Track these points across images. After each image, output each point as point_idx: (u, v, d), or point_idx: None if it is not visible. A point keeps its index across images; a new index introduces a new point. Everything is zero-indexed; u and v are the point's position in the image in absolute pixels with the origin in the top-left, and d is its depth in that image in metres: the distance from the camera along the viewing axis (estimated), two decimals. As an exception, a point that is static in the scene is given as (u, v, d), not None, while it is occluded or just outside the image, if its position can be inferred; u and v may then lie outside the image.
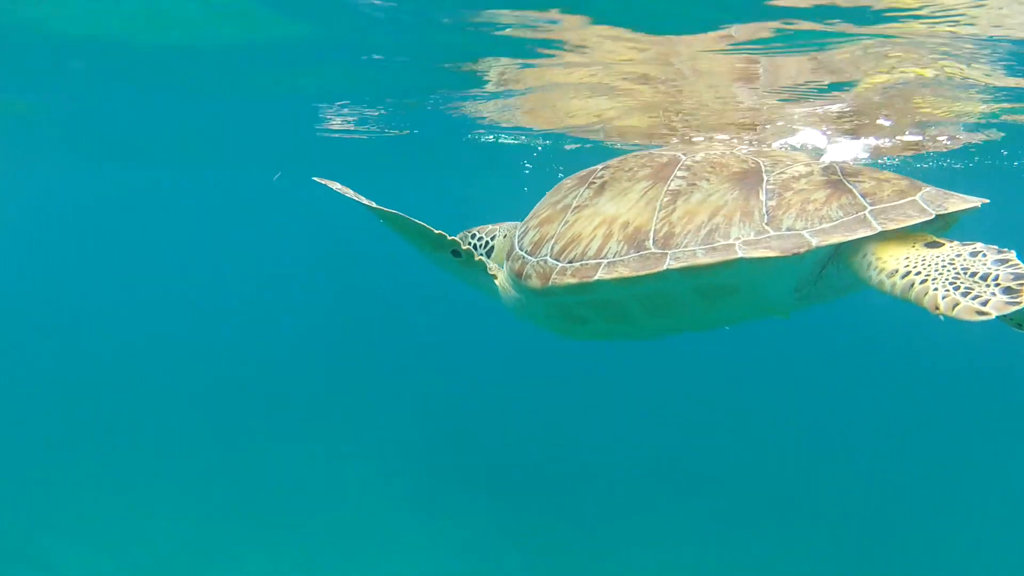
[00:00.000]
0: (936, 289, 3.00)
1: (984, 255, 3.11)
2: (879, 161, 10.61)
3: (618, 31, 5.58)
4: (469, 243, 4.83)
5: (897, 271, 3.18)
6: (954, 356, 20.81)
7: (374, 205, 4.12)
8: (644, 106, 7.94)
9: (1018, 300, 2.88)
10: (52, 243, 30.63)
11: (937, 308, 2.96)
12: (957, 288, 2.97)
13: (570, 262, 3.86)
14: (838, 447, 15.79)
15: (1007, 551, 11.54)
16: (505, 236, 4.69)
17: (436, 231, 4.13)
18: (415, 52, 6.70)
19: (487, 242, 4.83)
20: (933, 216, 3.36)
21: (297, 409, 16.01)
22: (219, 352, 20.39)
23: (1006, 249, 3.14)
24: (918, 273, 3.10)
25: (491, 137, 11.46)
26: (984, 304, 2.89)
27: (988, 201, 3.58)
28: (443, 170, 16.71)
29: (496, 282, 4.46)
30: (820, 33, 5.32)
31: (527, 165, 13.70)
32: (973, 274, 3.03)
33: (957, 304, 2.92)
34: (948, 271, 3.06)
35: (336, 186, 4.26)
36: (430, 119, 10.01)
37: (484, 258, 4.47)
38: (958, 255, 3.13)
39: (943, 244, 3.24)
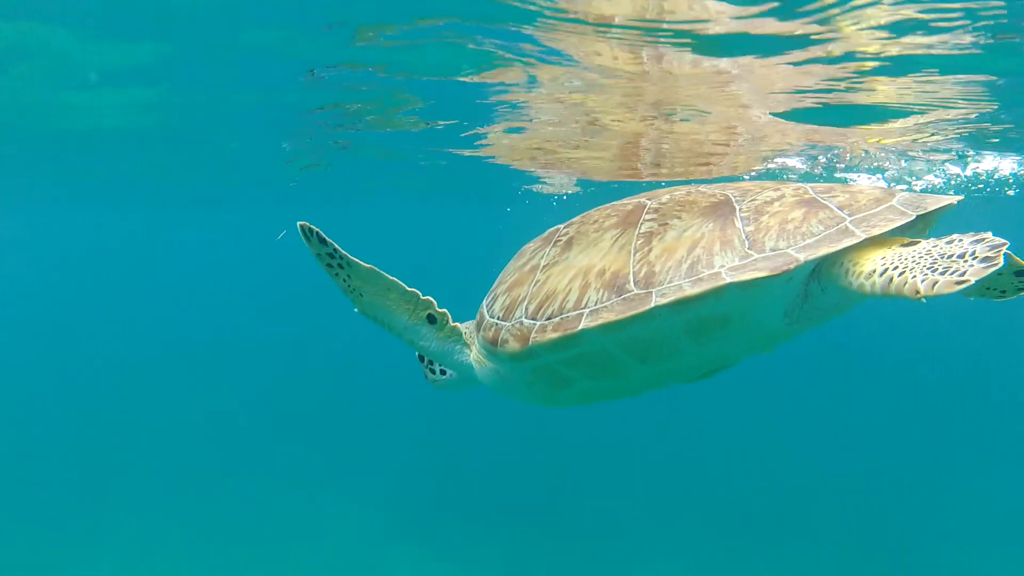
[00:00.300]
0: (915, 276, 3.00)
1: (960, 240, 3.12)
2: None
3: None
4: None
5: (875, 271, 3.18)
6: (947, 361, 20.89)
7: (349, 256, 3.89)
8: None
9: (995, 262, 2.87)
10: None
11: (917, 292, 2.95)
12: (935, 270, 2.97)
13: (548, 319, 3.73)
14: (833, 457, 15.75)
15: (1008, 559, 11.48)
16: (467, 333, 4.39)
17: (409, 288, 4.00)
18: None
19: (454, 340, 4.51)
20: (914, 217, 3.36)
21: (281, 442, 15.78)
22: (204, 382, 20.14)
23: (983, 232, 3.12)
24: (895, 268, 3.11)
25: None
26: (962, 275, 2.87)
27: (963, 198, 3.60)
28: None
29: (470, 356, 4.27)
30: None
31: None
32: (950, 256, 3.03)
33: (936, 283, 2.92)
34: (925, 260, 3.07)
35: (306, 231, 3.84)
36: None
37: (459, 325, 4.24)
38: (934, 246, 3.15)
39: (919, 242, 3.24)
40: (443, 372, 4.63)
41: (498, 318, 3.97)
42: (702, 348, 3.68)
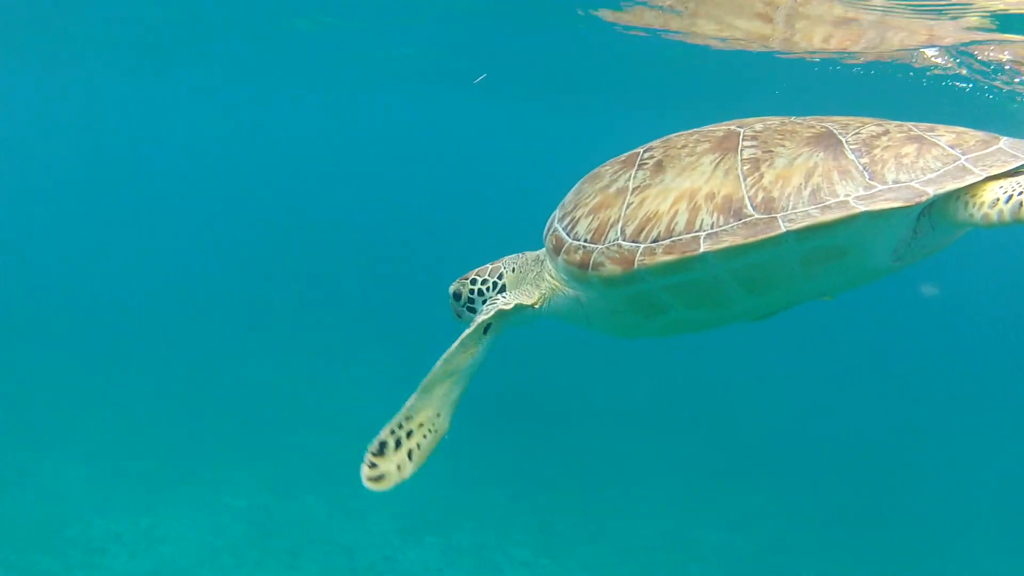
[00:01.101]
0: None
1: None
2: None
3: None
4: (470, 292, 4.39)
5: (999, 199, 3.23)
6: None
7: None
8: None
9: None
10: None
11: None
12: None
13: (654, 241, 3.57)
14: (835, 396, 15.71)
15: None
16: (515, 269, 4.33)
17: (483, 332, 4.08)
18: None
19: (494, 283, 4.38)
20: None
21: (281, 331, 15.78)
22: (203, 264, 20.15)
23: None
24: (1021, 192, 3.18)
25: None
26: None
27: None
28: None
29: (531, 301, 4.15)
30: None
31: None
32: None
33: None
34: None
35: None
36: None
37: (505, 301, 4.16)
38: None
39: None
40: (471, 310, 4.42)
41: (585, 241, 3.79)
42: (808, 281, 3.63)
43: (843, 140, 3.51)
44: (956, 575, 10.17)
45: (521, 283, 4.33)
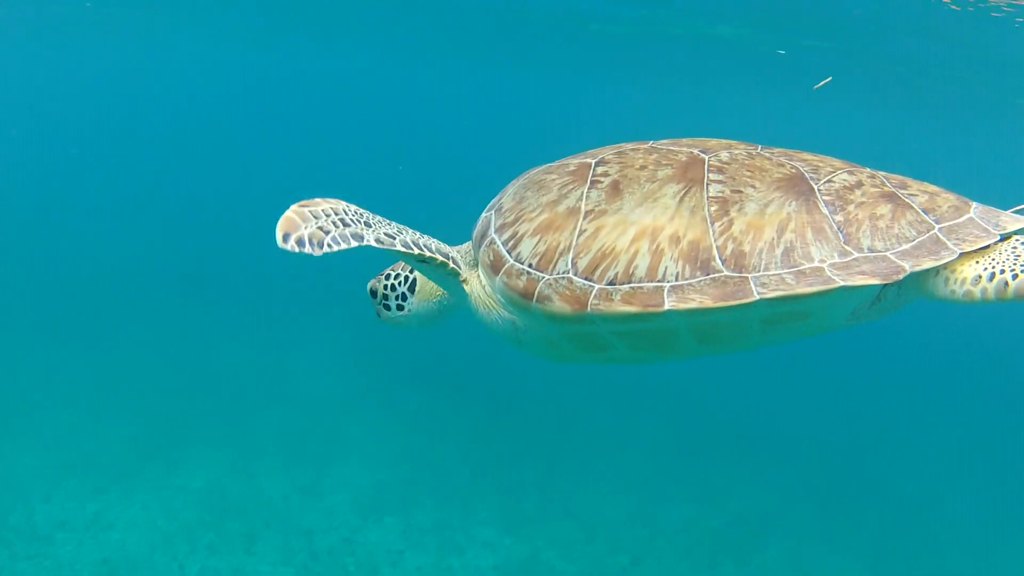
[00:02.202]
0: None
1: None
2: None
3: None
4: (384, 288, 4.25)
5: (980, 276, 3.15)
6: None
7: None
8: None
9: None
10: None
11: None
12: None
13: (611, 283, 3.30)
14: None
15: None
16: (456, 252, 4.09)
17: (428, 253, 3.66)
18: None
19: (405, 277, 4.21)
20: (998, 238, 3.29)
21: (243, 305, 15.36)
22: (149, 244, 19.52)
23: None
24: (1003, 271, 3.11)
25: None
26: None
27: None
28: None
29: (469, 293, 3.84)
30: None
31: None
32: None
33: None
34: None
35: None
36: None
37: (457, 263, 3.82)
38: (1021, 242, 3.24)
39: (998, 242, 3.29)
40: (400, 308, 4.24)
41: (530, 266, 3.49)
42: (763, 336, 3.49)
43: (815, 188, 3.31)
44: (924, 548, 10.20)
45: (428, 285, 4.16)
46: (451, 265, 3.74)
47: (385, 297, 4.25)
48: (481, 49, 22.14)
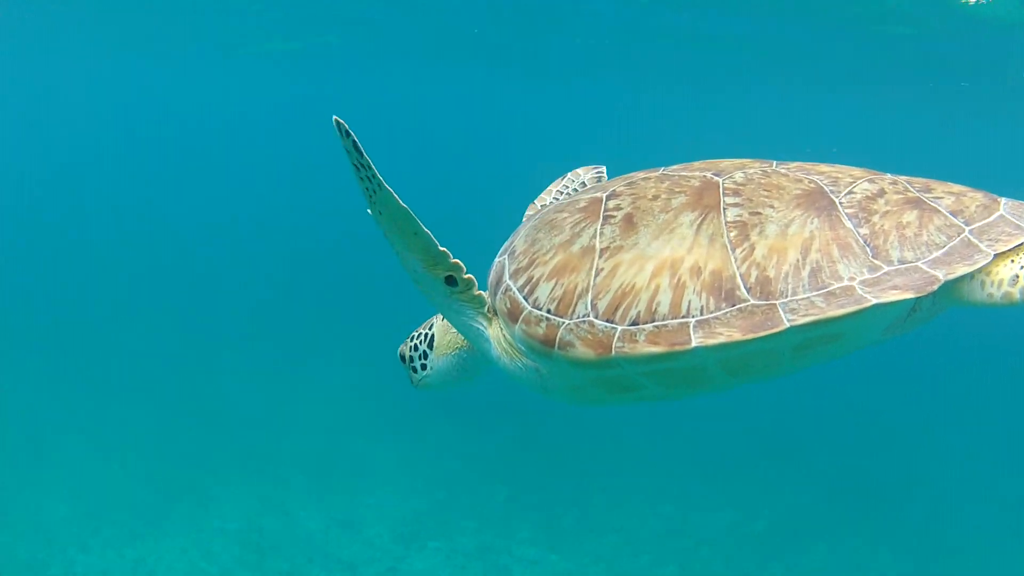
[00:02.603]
0: None
1: None
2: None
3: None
4: (410, 350, 4.03)
5: (1018, 276, 3.00)
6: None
7: (381, 179, 3.10)
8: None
9: None
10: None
11: None
12: None
13: (634, 324, 3.13)
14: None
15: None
16: (443, 318, 3.90)
17: (440, 247, 3.28)
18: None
19: (425, 334, 4.02)
20: None
21: (265, 335, 15.21)
22: (176, 279, 19.29)
23: None
24: None
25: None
26: None
27: None
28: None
29: (489, 336, 3.61)
30: None
31: None
32: None
33: None
34: None
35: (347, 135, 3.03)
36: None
37: (483, 294, 3.52)
38: None
39: None
40: (424, 367, 4.04)
41: (548, 311, 3.31)
42: (794, 363, 3.30)
43: (837, 202, 3.15)
44: (965, 540, 10.21)
45: (448, 332, 3.97)
46: (475, 291, 3.48)
47: (412, 359, 4.06)
48: (482, 55, 22.10)
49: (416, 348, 4.04)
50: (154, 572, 8.80)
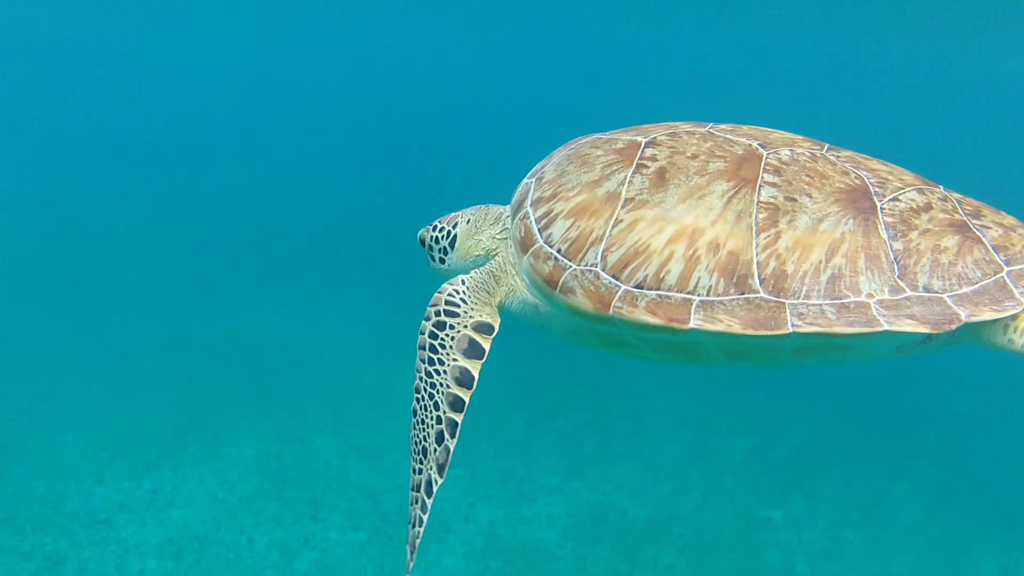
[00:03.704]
0: None
1: None
2: None
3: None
4: (431, 239, 4.08)
5: None
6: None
7: None
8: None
9: None
10: None
11: None
12: None
13: (639, 287, 3.01)
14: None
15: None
16: (469, 221, 3.92)
17: None
18: None
19: (448, 231, 4.01)
20: None
21: (280, 267, 14.81)
22: (188, 215, 18.65)
23: None
24: None
25: None
26: None
27: None
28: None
29: (503, 260, 3.69)
30: None
31: None
32: None
33: None
34: None
35: None
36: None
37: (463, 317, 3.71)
38: None
39: None
40: (443, 261, 4.12)
41: (559, 251, 3.24)
42: (796, 362, 3.17)
43: (878, 206, 2.94)
44: (982, 471, 10.28)
45: (470, 238, 3.93)
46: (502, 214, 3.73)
47: (431, 248, 4.07)
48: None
49: (438, 241, 4.02)
50: (172, 502, 8.61)
